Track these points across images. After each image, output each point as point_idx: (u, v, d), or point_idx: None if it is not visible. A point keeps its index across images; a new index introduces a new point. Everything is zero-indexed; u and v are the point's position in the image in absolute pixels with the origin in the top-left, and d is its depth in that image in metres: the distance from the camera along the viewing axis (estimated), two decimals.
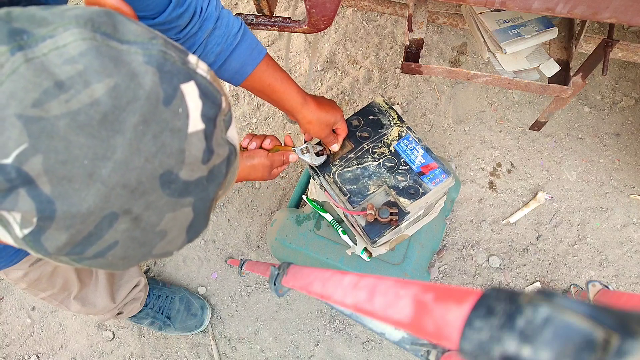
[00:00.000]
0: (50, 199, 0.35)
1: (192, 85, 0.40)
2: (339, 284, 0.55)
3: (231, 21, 0.84)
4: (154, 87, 0.37)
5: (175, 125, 0.38)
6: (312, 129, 0.98)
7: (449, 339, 0.31)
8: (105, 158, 0.36)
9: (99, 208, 0.37)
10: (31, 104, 0.34)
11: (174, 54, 0.40)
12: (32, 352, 1.65)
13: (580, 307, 0.24)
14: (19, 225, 0.37)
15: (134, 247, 0.40)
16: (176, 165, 0.39)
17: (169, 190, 0.39)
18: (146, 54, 0.38)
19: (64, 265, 1.16)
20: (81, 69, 0.35)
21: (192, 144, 0.40)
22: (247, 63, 0.87)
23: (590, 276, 1.62)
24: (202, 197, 0.42)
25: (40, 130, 0.34)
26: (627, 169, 1.74)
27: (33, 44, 0.35)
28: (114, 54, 0.37)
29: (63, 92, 0.34)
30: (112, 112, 0.36)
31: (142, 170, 0.37)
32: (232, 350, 1.62)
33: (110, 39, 0.37)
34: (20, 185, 0.35)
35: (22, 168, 0.34)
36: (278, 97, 0.93)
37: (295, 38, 1.97)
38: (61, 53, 0.35)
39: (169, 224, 0.41)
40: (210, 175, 0.42)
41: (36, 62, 0.34)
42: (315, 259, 1.31)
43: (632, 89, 1.82)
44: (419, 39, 1.15)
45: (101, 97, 0.35)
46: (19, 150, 0.34)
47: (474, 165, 1.77)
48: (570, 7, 0.84)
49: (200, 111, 0.40)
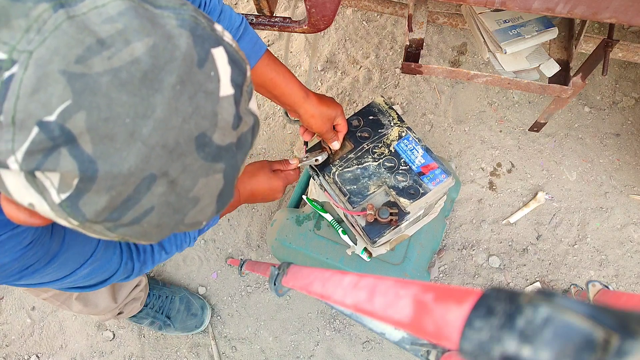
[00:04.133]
0: (92, 159, 0.35)
1: (221, 51, 0.41)
2: (339, 284, 0.55)
3: (233, 16, 0.85)
4: (188, 49, 0.38)
5: (208, 88, 0.39)
6: (314, 123, 0.98)
7: (449, 339, 0.31)
8: (146, 117, 0.36)
9: (139, 169, 0.37)
10: (74, 60, 0.34)
11: (203, 20, 0.41)
12: (32, 352, 1.65)
13: (580, 307, 0.24)
14: (56, 190, 0.36)
15: (169, 214, 0.41)
16: (210, 128, 0.39)
17: (203, 153, 0.40)
18: (179, 18, 0.38)
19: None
20: (121, 28, 0.35)
21: (223, 108, 0.40)
22: (249, 57, 0.88)
23: (590, 276, 1.62)
24: (232, 164, 0.43)
25: (83, 87, 0.34)
26: (627, 169, 1.74)
27: (73, 3, 0.35)
28: (149, 16, 0.37)
29: (105, 49, 0.35)
30: (151, 70, 0.36)
31: (180, 130, 0.37)
32: (232, 350, 1.62)
33: (144, 2, 0.38)
34: (62, 144, 0.34)
35: (65, 125, 0.34)
36: (280, 92, 0.93)
37: (295, 38, 1.97)
38: (100, 12, 0.35)
39: (202, 190, 0.41)
40: (238, 142, 0.43)
41: (77, 19, 0.34)
42: (315, 259, 1.31)
43: (632, 89, 1.82)
44: (419, 39, 1.15)
45: (141, 56, 0.36)
46: (63, 106, 0.34)
47: (474, 165, 1.77)
48: (570, 7, 0.84)
49: (230, 76, 0.41)
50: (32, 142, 0.34)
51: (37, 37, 0.33)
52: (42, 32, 0.34)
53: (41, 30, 0.34)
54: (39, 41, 0.33)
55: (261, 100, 1.91)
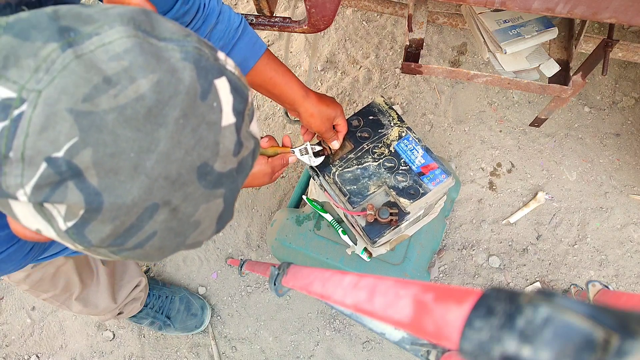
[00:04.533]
0: (97, 191, 0.36)
1: (224, 81, 0.41)
2: (339, 284, 0.55)
3: (232, 16, 0.85)
4: (192, 82, 0.39)
5: (211, 119, 0.40)
6: (313, 122, 0.98)
7: (449, 339, 0.31)
8: (150, 151, 0.37)
9: (143, 199, 0.38)
10: (82, 99, 0.35)
11: (206, 50, 0.41)
12: (32, 352, 1.65)
13: (580, 307, 0.24)
14: (63, 218, 0.37)
15: (170, 238, 0.42)
16: (212, 157, 0.40)
17: (205, 181, 0.41)
18: (182, 51, 0.39)
19: (66, 266, 1.17)
20: (127, 65, 0.36)
21: (225, 137, 0.41)
22: (248, 57, 0.88)
23: (590, 276, 1.62)
24: (232, 188, 0.44)
25: (90, 124, 0.35)
26: (627, 169, 1.74)
27: (80, 41, 0.36)
28: (154, 51, 0.38)
29: (111, 87, 0.35)
30: (156, 106, 0.37)
31: (182, 162, 0.39)
32: (232, 350, 1.62)
33: (149, 36, 0.38)
34: (69, 178, 0.36)
35: (72, 161, 0.35)
36: (280, 91, 0.93)
37: (295, 38, 1.97)
38: (107, 49, 0.36)
39: (203, 214, 0.42)
40: (239, 167, 0.44)
41: (85, 58, 0.35)
42: (315, 259, 1.31)
43: (632, 89, 1.82)
44: (419, 39, 1.15)
45: (146, 92, 0.36)
46: (70, 143, 0.35)
47: (474, 165, 1.77)
48: (570, 7, 0.84)
49: (232, 105, 0.42)
50: (41, 176, 0.35)
51: (46, 76, 0.34)
52: (51, 72, 0.35)
53: (50, 70, 0.35)
54: (48, 81, 0.34)
55: (261, 101, 1.91)
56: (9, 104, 0.34)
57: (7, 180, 0.35)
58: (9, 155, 0.35)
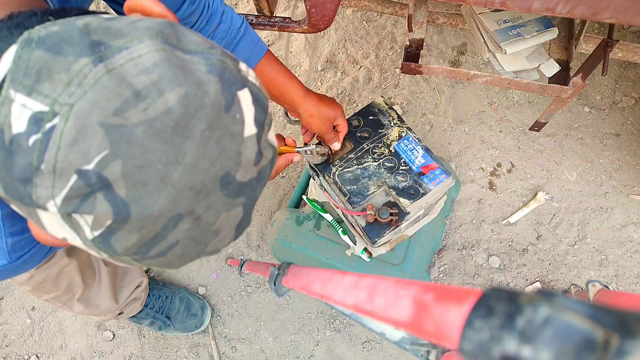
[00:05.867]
0: (125, 202, 0.37)
1: (246, 92, 0.42)
2: (339, 284, 0.55)
3: (234, 17, 0.86)
4: (217, 95, 0.39)
5: (234, 130, 0.41)
6: (314, 123, 0.98)
7: (449, 339, 0.31)
8: (177, 162, 0.38)
9: (168, 210, 0.39)
10: (112, 113, 0.36)
11: (230, 63, 0.42)
12: (32, 352, 1.65)
13: (580, 307, 0.24)
14: (90, 228, 0.38)
15: (192, 246, 0.43)
16: (234, 168, 0.41)
17: (227, 191, 0.42)
18: (207, 63, 0.40)
19: (69, 267, 1.17)
20: (155, 79, 0.37)
21: (247, 148, 0.42)
22: (250, 57, 0.88)
23: (590, 276, 1.62)
24: (251, 197, 0.45)
25: (120, 138, 0.36)
26: (627, 169, 1.74)
27: (110, 55, 0.36)
28: (181, 64, 0.38)
29: (141, 100, 0.36)
30: (183, 119, 0.37)
31: (207, 173, 0.39)
32: (232, 350, 1.62)
33: (176, 50, 0.39)
34: (98, 190, 0.36)
35: (102, 173, 0.36)
36: (280, 91, 0.94)
37: (295, 38, 1.97)
38: (136, 64, 0.37)
39: (223, 222, 0.43)
40: (259, 176, 0.45)
41: (115, 72, 0.36)
42: (315, 259, 1.31)
43: (632, 89, 1.82)
44: (419, 39, 1.15)
45: (174, 106, 0.37)
46: (100, 156, 0.36)
47: (474, 165, 1.77)
48: (570, 7, 0.84)
49: (253, 116, 0.43)
50: (71, 188, 0.36)
51: (78, 90, 0.35)
52: (83, 86, 0.35)
53: (82, 84, 0.35)
54: (80, 95, 0.35)
55: None
56: (41, 117, 0.35)
57: (37, 192, 0.36)
58: (40, 168, 0.35)
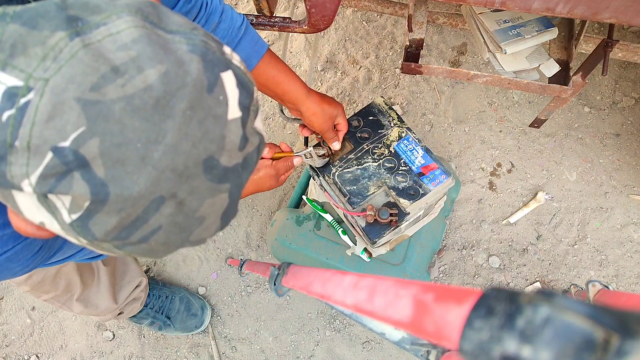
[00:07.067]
0: (104, 182, 0.36)
1: (230, 74, 0.41)
2: (339, 284, 0.55)
3: (234, 16, 0.85)
4: (199, 74, 0.38)
5: (217, 112, 0.40)
6: (315, 121, 0.98)
7: (449, 339, 0.31)
8: (157, 142, 0.37)
9: (149, 191, 0.37)
10: (89, 88, 0.35)
11: (213, 44, 0.41)
12: (32, 352, 1.65)
13: (580, 307, 0.24)
14: (67, 210, 0.37)
15: (175, 232, 0.42)
16: (217, 151, 0.40)
17: (211, 175, 0.40)
18: (189, 43, 0.39)
19: (67, 267, 1.17)
20: (134, 55, 0.36)
21: (231, 131, 0.41)
22: (251, 56, 0.88)
23: (590, 276, 1.62)
24: (237, 184, 0.44)
25: (97, 114, 0.35)
26: (627, 169, 1.74)
27: (88, 31, 0.36)
28: (162, 42, 0.38)
29: (119, 76, 0.35)
30: (163, 97, 0.37)
31: (189, 154, 0.38)
32: (232, 350, 1.62)
33: (157, 28, 0.38)
34: (75, 169, 0.35)
35: (78, 151, 0.35)
36: (282, 90, 0.94)
37: (295, 38, 1.97)
38: (115, 39, 0.36)
39: (208, 209, 0.42)
40: (244, 162, 0.44)
41: (93, 47, 0.35)
42: (315, 259, 1.31)
43: (632, 89, 1.82)
44: (419, 39, 1.15)
45: (154, 83, 0.36)
46: (76, 133, 0.34)
47: (474, 165, 1.77)
48: (570, 7, 0.84)
49: (238, 99, 0.42)
50: (46, 166, 0.35)
51: (54, 65, 0.34)
52: (58, 61, 0.34)
53: (57, 58, 0.34)
54: (55, 69, 0.34)
55: (261, 101, 1.91)
56: (15, 92, 0.34)
57: (12, 170, 0.35)
58: (14, 144, 0.34)
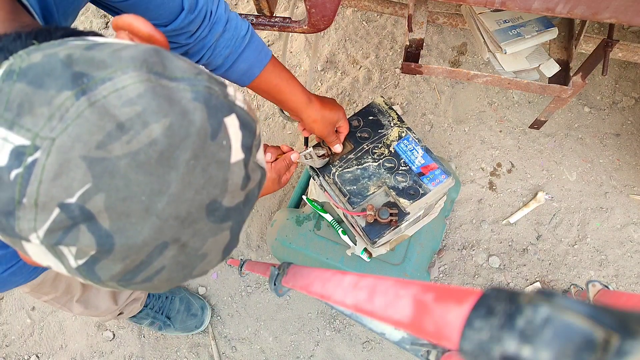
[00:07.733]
0: (109, 233, 0.37)
1: (233, 118, 0.42)
2: (339, 284, 0.55)
3: (239, 24, 0.85)
4: (203, 123, 0.39)
5: (220, 157, 0.40)
6: (316, 128, 0.98)
7: (449, 339, 0.31)
8: (161, 193, 0.37)
9: (153, 239, 0.38)
10: (95, 146, 0.35)
11: (217, 88, 0.42)
12: (32, 352, 1.65)
13: (580, 307, 0.24)
14: (73, 257, 0.38)
15: (178, 270, 0.43)
16: (220, 194, 0.41)
17: (213, 217, 0.41)
18: (193, 90, 0.39)
19: None
20: (140, 110, 0.36)
21: (234, 173, 0.42)
22: (254, 65, 0.88)
23: (590, 276, 1.62)
24: (238, 220, 0.44)
25: (103, 171, 0.35)
26: (627, 169, 1.74)
27: (93, 87, 0.36)
28: (166, 93, 0.38)
29: (124, 133, 0.36)
30: (167, 149, 0.37)
31: (192, 201, 0.39)
32: (232, 350, 1.62)
33: (161, 78, 0.39)
34: (81, 222, 0.36)
35: (84, 206, 0.36)
36: (284, 98, 0.94)
37: (295, 38, 1.97)
38: (120, 95, 0.36)
39: (210, 247, 0.43)
40: (246, 200, 0.44)
41: (98, 105, 0.36)
42: (316, 259, 1.31)
43: (632, 89, 1.82)
44: (419, 39, 1.15)
45: (158, 137, 0.37)
46: (83, 189, 0.35)
47: (474, 165, 1.77)
48: (570, 7, 0.84)
49: (241, 142, 0.42)
50: (53, 221, 0.36)
51: (60, 124, 0.35)
52: (65, 120, 0.35)
53: (63, 118, 0.35)
54: (62, 129, 0.35)
55: (261, 101, 1.91)
56: (23, 151, 0.35)
57: (20, 225, 0.36)
58: (22, 202, 0.35)
